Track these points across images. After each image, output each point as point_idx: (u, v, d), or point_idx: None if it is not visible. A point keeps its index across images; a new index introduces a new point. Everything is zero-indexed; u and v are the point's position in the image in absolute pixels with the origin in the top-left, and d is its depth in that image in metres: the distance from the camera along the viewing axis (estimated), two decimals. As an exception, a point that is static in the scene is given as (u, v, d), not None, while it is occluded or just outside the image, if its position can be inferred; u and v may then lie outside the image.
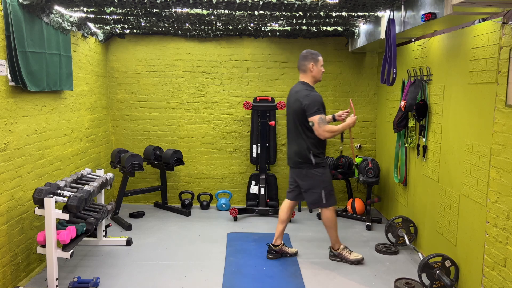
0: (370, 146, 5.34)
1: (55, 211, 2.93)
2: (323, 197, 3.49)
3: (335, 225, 3.60)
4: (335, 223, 3.60)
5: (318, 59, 3.46)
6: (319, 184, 3.47)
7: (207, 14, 3.82)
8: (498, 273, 2.56)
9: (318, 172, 3.46)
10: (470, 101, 2.92)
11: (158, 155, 5.04)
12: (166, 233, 4.36)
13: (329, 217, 3.56)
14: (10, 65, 2.99)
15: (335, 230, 3.60)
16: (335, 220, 3.60)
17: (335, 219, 3.59)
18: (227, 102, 5.28)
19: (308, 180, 3.49)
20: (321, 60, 3.49)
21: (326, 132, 3.33)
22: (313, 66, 3.45)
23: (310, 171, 3.46)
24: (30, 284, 3.22)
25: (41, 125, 3.50)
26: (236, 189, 5.40)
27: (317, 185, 3.48)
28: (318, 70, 3.47)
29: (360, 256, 3.61)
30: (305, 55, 3.47)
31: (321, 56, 3.50)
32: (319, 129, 3.33)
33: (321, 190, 3.48)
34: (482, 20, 2.81)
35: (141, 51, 5.19)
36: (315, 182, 3.47)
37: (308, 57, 3.46)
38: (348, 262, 3.60)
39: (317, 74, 3.47)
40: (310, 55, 3.46)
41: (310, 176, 3.47)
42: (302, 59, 3.48)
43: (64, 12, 3.71)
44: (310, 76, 3.48)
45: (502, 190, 2.52)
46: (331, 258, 3.69)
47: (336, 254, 3.66)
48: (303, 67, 3.48)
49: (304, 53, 3.49)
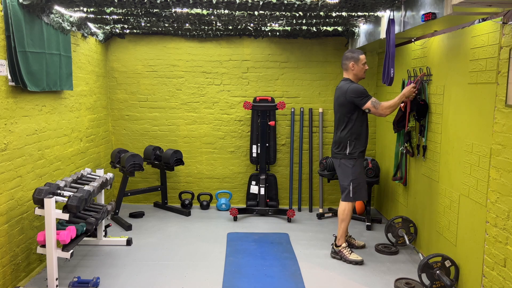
0: (370, 146, 5.33)
1: (55, 211, 2.93)
2: (351, 190, 3.60)
3: (349, 219, 3.67)
4: (350, 217, 3.68)
5: (359, 58, 3.60)
6: (348, 175, 3.60)
7: (207, 14, 3.82)
8: (498, 273, 2.56)
9: (349, 163, 3.59)
10: (470, 101, 2.92)
11: (158, 155, 5.04)
12: (166, 233, 4.36)
13: (346, 210, 3.65)
14: (10, 65, 2.99)
15: (347, 224, 3.67)
16: (351, 215, 3.68)
17: (351, 213, 3.67)
18: (227, 102, 5.28)
19: (339, 170, 3.67)
20: (363, 59, 3.61)
21: (384, 110, 3.48)
22: (353, 65, 3.60)
23: (342, 162, 3.62)
24: (30, 284, 3.22)
25: (41, 125, 3.50)
26: (236, 189, 5.40)
27: (346, 176, 3.61)
28: (359, 68, 3.61)
29: (359, 258, 3.61)
30: (346, 55, 3.64)
31: (363, 55, 3.62)
32: (377, 111, 3.48)
33: (350, 182, 3.59)
34: (482, 20, 2.81)
35: (141, 51, 5.19)
36: (345, 173, 3.62)
37: (348, 57, 3.63)
38: (347, 261, 3.61)
39: (358, 72, 3.62)
40: (350, 55, 3.62)
41: (342, 166, 3.63)
42: (344, 59, 3.66)
43: (64, 12, 3.71)
44: (352, 74, 3.63)
45: (502, 190, 2.52)
46: (332, 255, 3.74)
47: (337, 251, 3.70)
48: (344, 66, 3.66)
49: (346, 53, 3.66)
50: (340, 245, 3.69)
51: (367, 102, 3.49)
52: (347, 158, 3.60)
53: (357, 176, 3.61)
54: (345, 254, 3.64)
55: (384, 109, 3.48)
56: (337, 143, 3.65)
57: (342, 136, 3.60)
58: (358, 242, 3.98)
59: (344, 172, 3.63)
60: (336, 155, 3.67)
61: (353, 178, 3.60)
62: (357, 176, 3.61)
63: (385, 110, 3.48)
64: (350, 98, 3.51)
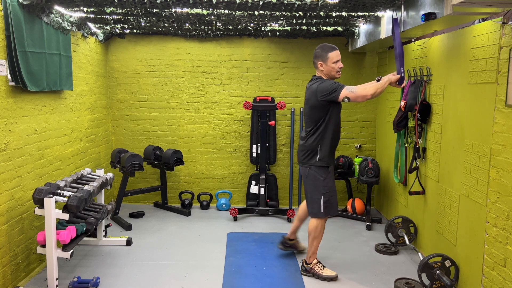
0: (370, 146, 5.34)
1: (55, 211, 2.93)
2: (322, 204, 3.24)
3: (322, 236, 3.36)
4: (322, 234, 3.36)
5: (327, 57, 3.18)
6: (319, 188, 3.24)
7: (207, 14, 3.82)
8: (498, 273, 2.56)
9: (321, 175, 3.23)
10: (470, 101, 2.92)
11: (158, 155, 5.04)
12: (166, 233, 4.36)
13: (318, 227, 3.30)
14: (10, 65, 2.99)
15: (319, 241, 3.36)
16: (323, 231, 3.36)
17: (323, 230, 3.34)
18: (227, 102, 5.28)
19: (308, 181, 3.28)
20: (333, 56, 3.18)
21: (366, 90, 3.02)
22: (321, 65, 3.22)
23: (312, 172, 3.23)
24: (30, 284, 3.22)
25: (41, 125, 3.50)
26: (236, 189, 5.40)
27: (317, 189, 3.25)
28: (329, 68, 3.19)
29: (333, 274, 3.32)
30: (315, 53, 3.27)
31: (333, 52, 3.19)
32: (357, 94, 3.03)
33: (321, 196, 3.23)
34: (482, 20, 2.81)
35: (141, 51, 5.19)
36: (315, 185, 3.25)
37: (317, 55, 3.24)
38: (320, 278, 3.32)
39: (329, 72, 3.21)
40: (319, 53, 3.23)
41: (311, 177, 3.25)
42: (313, 57, 3.29)
43: (64, 12, 3.71)
44: (323, 74, 3.25)
45: (502, 190, 2.52)
46: (302, 273, 3.42)
47: (308, 269, 3.39)
48: (314, 64, 3.29)
49: (315, 50, 3.28)
50: (311, 262, 3.39)
51: (341, 91, 3.04)
52: (318, 167, 3.21)
53: (329, 190, 3.24)
54: (318, 271, 3.34)
55: (366, 90, 3.02)
56: (306, 149, 3.24)
57: (311, 141, 3.21)
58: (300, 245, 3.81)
59: (315, 184, 3.23)
60: (304, 163, 3.26)
61: (324, 192, 3.22)
62: (329, 190, 3.24)
63: (367, 90, 3.02)
64: (322, 97, 3.11)
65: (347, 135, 5.32)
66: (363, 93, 3.02)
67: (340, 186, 5.36)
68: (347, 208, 4.97)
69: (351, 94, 3.04)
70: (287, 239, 3.79)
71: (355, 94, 3.03)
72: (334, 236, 4.30)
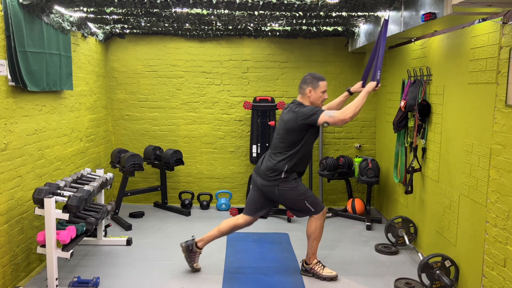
0: (370, 146, 5.34)
1: (55, 211, 2.93)
2: (309, 206, 3.27)
3: (321, 237, 3.37)
4: (321, 234, 3.37)
5: (318, 85, 3.22)
6: (297, 195, 3.25)
7: (207, 14, 3.82)
8: (498, 273, 2.56)
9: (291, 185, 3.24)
10: (470, 101, 2.92)
11: (158, 155, 5.04)
12: (166, 233, 4.36)
13: (317, 228, 3.31)
14: (10, 65, 2.99)
15: (318, 242, 3.36)
16: (322, 232, 3.36)
17: (322, 230, 3.35)
18: (227, 102, 5.28)
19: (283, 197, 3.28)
20: (323, 86, 3.24)
21: (345, 113, 3.06)
22: (310, 91, 3.23)
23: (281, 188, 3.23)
24: (30, 284, 3.22)
25: (41, 125, 3.50)
26: (236, 189, 5.40)
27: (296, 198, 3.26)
28: (317, 96, 3.24)
29: (333, 273, 3.33)
30: (305, 79, 3.28)
31: (324, 81, 3.25)
32: (336, 118, 3.06)
33: (304, 200, 3.26)
34: (482, 20, 2.81)
35: (141, 51, 5.19)
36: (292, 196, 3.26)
37: (307, 81, 3.25)
38: (320, 278, 3.33)
39: (315, 100, 3.24)
40: (310, 79, 3.25)
41: (283, 192, 3.24)
42: (302, 82, 3.29)
43: (64, 12, 3.71)
44: (308, 101, 3.25)
45: (502, 190, 2.52)
46: (303, 273, 3.43)
47: (308, 269, 3.40)
48: (301, 90, 3.29)
49: (305, 76, 3.30)
50: (311, 262, 3.39)
51: (320, 116, 3.07)
52: (286, 181, 3.21)
53: (305, 190, 3.28)
54: (318, 271, 3.35)
55: (344, 114, 3.06)
56: (272, 169, 3.22)
57: (279, 162, 3.20)
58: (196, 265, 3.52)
59: (291, 195, 3.24)
60: (271, 181, 3.23)
61: (304, 196, 3.26)
62: (306, 190, 3.28)
63: (346, 114, 3.06)
64: (301, 120, 3.12)
65: (347, 135, 5.32)
66: (341, 117, 3.07)
67: (340, 186, 5.36)
68: (347, 208, 4.97)
69: (330, 119, 3.08)
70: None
71: (333, 119, 3.07)
72: (334, 236, 4.30)
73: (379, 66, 3.26)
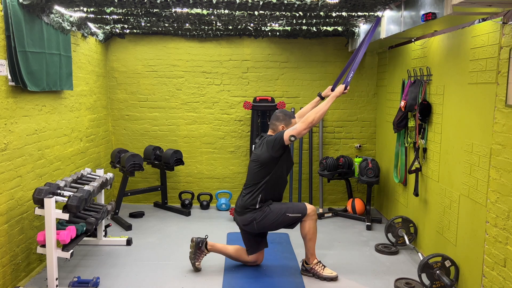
0: (370, 146, 5.34)
1: (55, 211, 2.93)
2: (294, 213, 3.28)
3: (316, 236, 3.37)
4: (316, 234, 3.37)
5: (290, 122, 3.32)
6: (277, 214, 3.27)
7: (207, 14, 3.82)
8: (498, 273, 2.56)
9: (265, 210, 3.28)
10: (470, 101, 2.92)
11: (158, 155, 5.04)
12: (166, 233, 4.36)
13: (311, 228, 3.30)
14: (10, 65, 2.99)
15: (314, 241, 3.37)
16: (316, 232, 3.36)
17: (316, 230, 3.36)
18: (227, 102, 5.28)
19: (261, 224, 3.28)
20: (294, 123, 3.33)
21: (310, 122, 3.13)
22: (283, 128, 3.31)
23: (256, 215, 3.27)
24: (30, 284, 3.22)
25: (41, 125, 3.50)
26: (236, 189, 5.40)
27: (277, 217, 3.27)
28: None
29: (334, 274, 3.32)
30: (277, 115, 3.36)
31: (295, 119, 3.37)
32: (302, 128, 3.13)
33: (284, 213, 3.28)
34: (482, 20, 2.81)
35: (141, 51, 5.19)
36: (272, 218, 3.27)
37: (280, 118, 3.34)
38: (321, 278, 3.32)
39: None
40: (282, 116, 3.34)
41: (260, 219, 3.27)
42: (274, 118, 3.36)
43: (64, 12, 3.71)
44: None
45: (502, 190, 2.52)
46: (303, 273, 3.42)
47: (308, 269, 3.39)
48: (273, 126, 3.36)
49: (277, 113, 3.38)
50: (311, 262, 3.38)
51: (284, 134, 3.15)
52: (260, 211, 3.27)
53: (280, 206, 3.30)
54: (318, 271, 3.33)
55: (305, 122, 3.13)
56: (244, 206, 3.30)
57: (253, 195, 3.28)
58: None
59: (271, 219, 3.26)
60: (248, 215, 3.28)
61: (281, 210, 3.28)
62: (281, 206, 3.30)
63: (306, 121, 3.13)
64: (272, 147, 3.20)
65: (347, 135, 5.32)
66: (303, 126, 3.14)
67: (340, 186, 5.36)
68: (347, 208, 4.97)
69: (294, 131, 3.14)
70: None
71: (296, 130, 3.14)
72: (334, 236, 4.30)
73: (354, 67, 3.28)
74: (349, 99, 5.25)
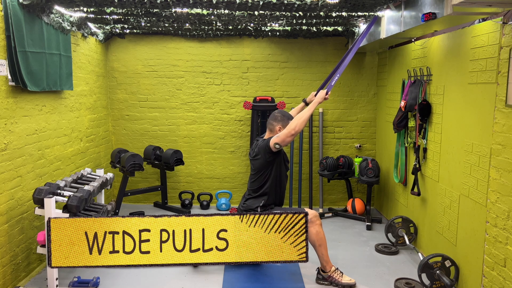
0: (370, 146, 5.34)
1: (55, 211, 2.93)
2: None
3: (325, 240, 3.24)
4: (325, 238, 3.25)
5: (288, 123, 3.27)
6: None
7: (207, 14, 3.82)
8: (498, 273, 2.56)
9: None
10: (470, 101, 2.93)
11: (158, 155, 5.04)
12: (166, 233, 4.36)
13: (317, 233, 3.20)
14: (10, 65, 2.99)
15: (325, 247, 3.24)
16: (323, 235, 3.24)
17: (323, 233, 3.24)
18: (227, 102, 5.28)
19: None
20: None
21: (292, 129, 3.10)
22: (280, 129, 3.30)
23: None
24: (30, 284, 3.22)
25: (41, 125, 3.50)
26: (236, 189, 5.40)
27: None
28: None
29: (352, 281, 3.23)
30: (275, 116, 3.36)
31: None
32: (288, 134, 3.11)
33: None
34: (482, 20, 2.81)
35: (141, 51, 5.19)
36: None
37: (278, 118, 3.34)
38: (339, 286, 3.21)
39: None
40: (280, 117, 3.34)
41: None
42: (272, 118, 3.37)
43: (64, 12, 3.71)
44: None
45: (502, 190, 2.52)
46: (318, 282, 3.29)
47: (325, 277, 3.26)
48: (270, 126, 3.37)
49: (275, 113, 3.38)
50: (328, 270, 3.25)
51: (270, 141, 3.17)
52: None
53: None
54: (337, 278, 3.22)
55: (288, 130, 3.11)
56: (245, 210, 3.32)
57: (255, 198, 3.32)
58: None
59: None
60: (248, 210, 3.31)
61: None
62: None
63: (290, 128, 3.11)
64: (264, 156, 3.24)
65: (347, 135, 5.32)
66: (287, 134, 3.12)
67: (340, 186, 5.36)
68: (347, 208, 4.97)
69: (277, 139, 3.16)
70: None
71: (280, 138, 3.15)
72: (334, 236, 4.30)
73: (340, 70, 3.28)
74: (349, 99, 5.25)
